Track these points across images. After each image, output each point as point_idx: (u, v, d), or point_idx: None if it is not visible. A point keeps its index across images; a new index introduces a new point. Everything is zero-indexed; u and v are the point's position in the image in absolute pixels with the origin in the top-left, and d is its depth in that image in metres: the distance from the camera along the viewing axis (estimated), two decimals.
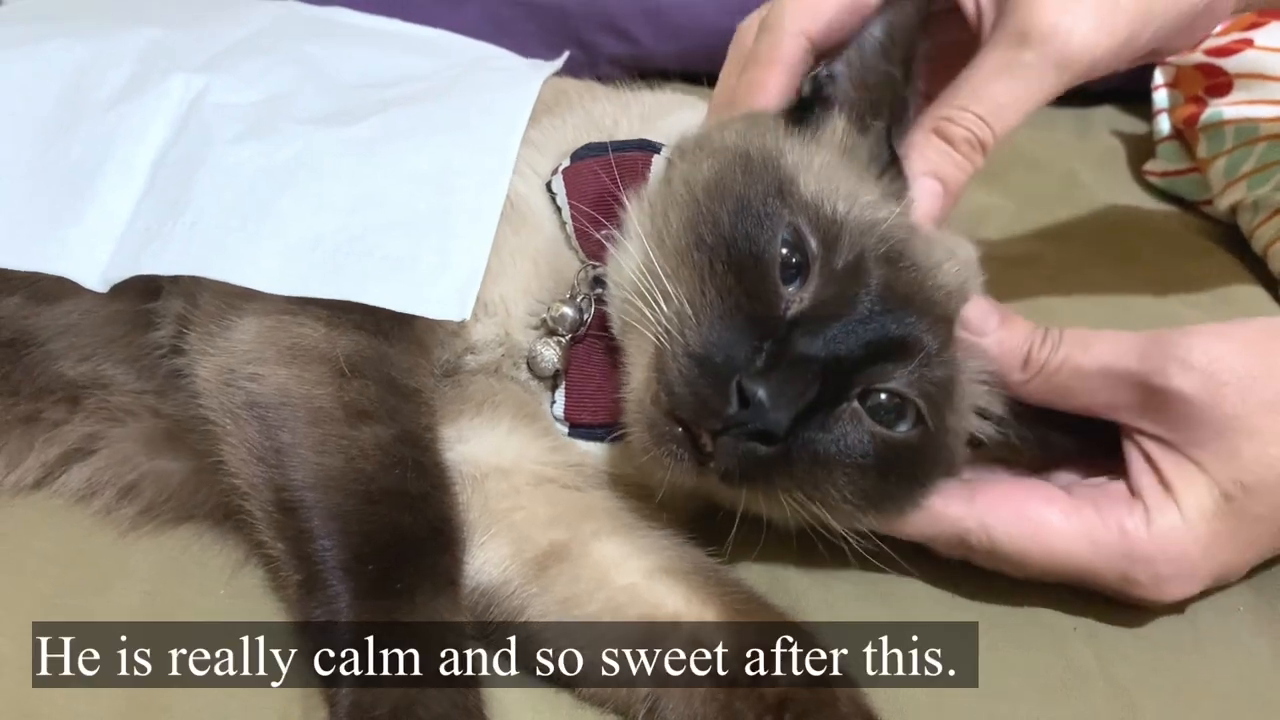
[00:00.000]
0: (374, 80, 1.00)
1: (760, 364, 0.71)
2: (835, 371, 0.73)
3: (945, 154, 0.82)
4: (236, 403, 0.77)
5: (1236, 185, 1.28)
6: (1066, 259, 1.26)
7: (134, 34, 0.98)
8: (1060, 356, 0.77)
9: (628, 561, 0.79)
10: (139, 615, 0.79)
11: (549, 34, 1.56)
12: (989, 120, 0.81)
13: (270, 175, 0.84)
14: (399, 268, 0.80)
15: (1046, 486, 0.81)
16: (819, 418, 0.73)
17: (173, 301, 0.85)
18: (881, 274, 0.76)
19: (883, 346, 0.74)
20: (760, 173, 0.78)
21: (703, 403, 0.71)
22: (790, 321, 0.74)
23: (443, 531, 0.75)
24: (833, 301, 0.74)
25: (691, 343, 0.73)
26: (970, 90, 0.83)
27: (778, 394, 0.70)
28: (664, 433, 0.74)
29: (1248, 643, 0.83)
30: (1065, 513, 0.78)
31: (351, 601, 0.70)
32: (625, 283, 0.80)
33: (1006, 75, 0.82)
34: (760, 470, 0.72)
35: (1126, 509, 0.77)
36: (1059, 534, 0.77)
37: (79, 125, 0.89)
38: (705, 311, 0.74)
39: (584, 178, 0.87)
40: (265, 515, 0.75)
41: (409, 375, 0.80)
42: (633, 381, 0.79)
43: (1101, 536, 0.77)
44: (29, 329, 0.88)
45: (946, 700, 0.76)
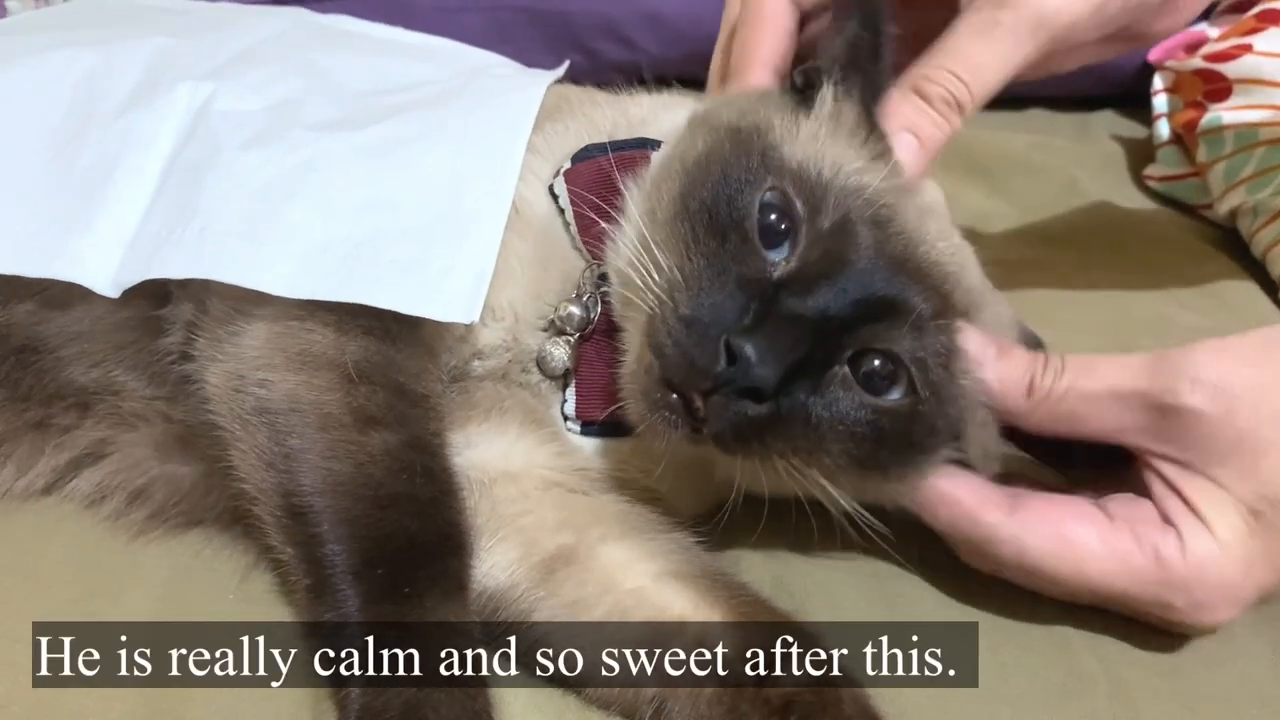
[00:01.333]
0: (380, 87, 1.01)
1: (748, 321, 0.72)
2: (824, 331, 0.73)
3: (921, 110, 0.83)
4: (246, 408, 0.78)
5: (1236, 190, 1.28)
6: (1067, 263, 1.27)
7: (141, 43, 0.99)
8: (1065, 383, 0.76)
9: (635, 565, 0.80)
10: (152, 620, 0.79)
11: (552, 40, 1.57)
12: (965, 79, 0.83)
13: (279, 181, 0.85)
14: (408, 271, 0.80)
15: (1087, 506, 0.79)
16: (809, 380, 0.73)
17: (182, 308, 0.85)
18: (870, 235, 0.76)
19: (872, 306, 0.74)
20: (747, 143, 0.80)
21: (692, 363, 0.72)
22: (778, 283, 0.75)
23: (451, 536, 0.76)
24: (820, 262, 0.75)
25: (681, 307, 0.74)
26: (947, 50, 0.84)
27: (765, 350, 0.70)
28: (657, 399, 0.74)
29: (1248, 645, 0.83)
30: (1103, 535, 0.76)
31: (361, 606, 0.71)
32: (622, 259, 0.81)
33: (983, 35, 0.84)
34: (754, 432, 0.72)
35: (1160, 534, 0.76)
36: (1095, 557, 0.76)
37: (88, 133, 0.90)
38: (694, 277, 0.75)
39: (585, 177, 0.88)
40: (274, 520, 0.76)
41: (417, 381, 0.81)
42: (629, 355, 0.80)
43: (1137, 563, 0.76)
44: (40, 335, 0.88)
45: (948, 703, 0.77)
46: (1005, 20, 0.83)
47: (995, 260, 0.90)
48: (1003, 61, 0.84)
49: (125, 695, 0.74)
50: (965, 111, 0.84)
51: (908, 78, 0.85)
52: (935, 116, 0.83)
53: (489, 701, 0.71)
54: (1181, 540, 0.75)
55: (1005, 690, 0.78)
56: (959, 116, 0.84)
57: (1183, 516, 0.75)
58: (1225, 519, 0.74)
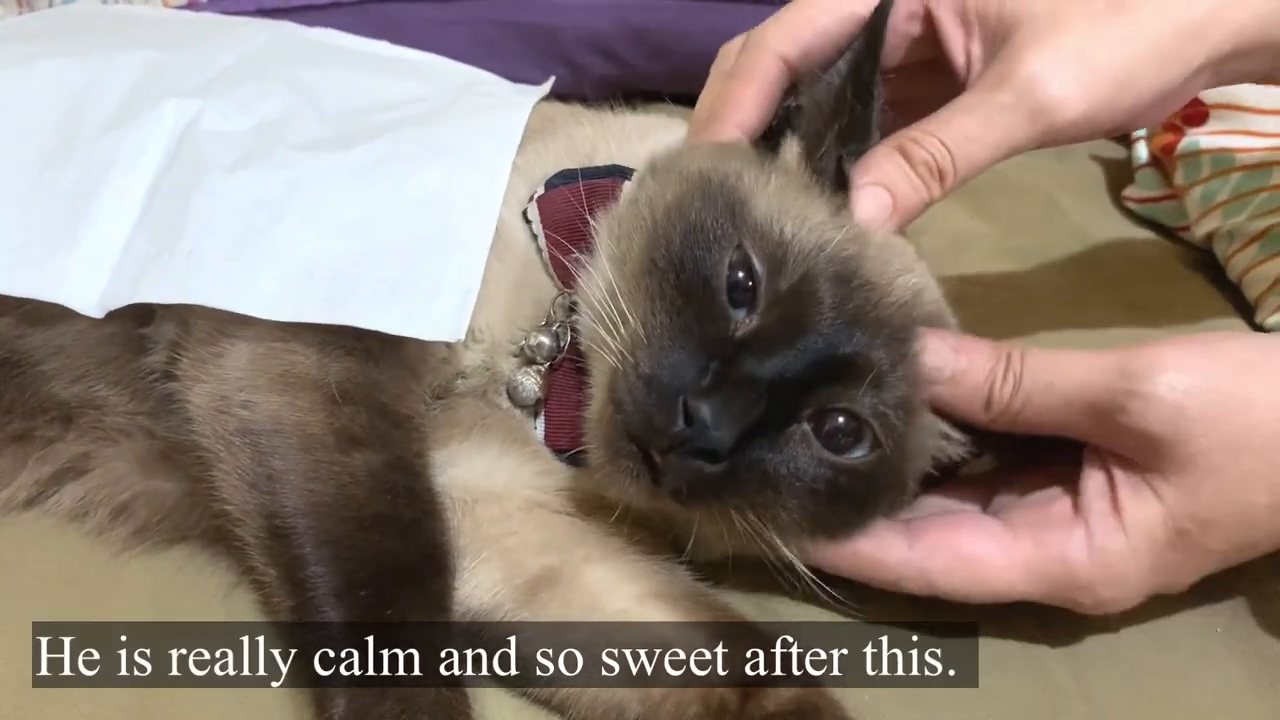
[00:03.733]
0: (366, 105, 1.01)
1: (706, 383, 0.72)
2: (783, 392, 0.73)
3: (900, 169, 0.81)
4: (229, 430, 0.78)
5: (1212, 214, 1.30)
6: (1047, 283, 1.28)
7: (127, 56, 0.99)
8: (1022, 397, 0.76)
9: (619, 586, 0.80)
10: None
11: (538, 55, 1.57)
12: (952, 149, 0.81)
13: (265, 203, 0.85)
14: (394, 292, 0.81)
15: (982, 521, 0.80)
16: (767, 438, 0.74)
17: (165, 327, 0.85)
18: (831, 294, 0.76)
19: (831, 367, 0.74)
20: (715, 196, 0.80)
21: (650, 422, 0.72)
22: (739, 342, 0.75)
23: (434, 557, 0.76)
24: (780, 323, 0.75)
25: (643, 364, 0.74)
26: (940, 119, 0.83)
27: (721, 412, 0.71)
28: (619, 449, 0.75)
29: (1225, 663, 0.84)
30: (1004, 548, 0.77)
31: (344, 627, 0.71)
32: (590, 307, 0.81)
33: (979, 111, 0.82)
34: (709, 489, 0.73)
35: (1066, 533, 0.77)
36: (997, 572, 0.77)
37: (73, 150, 0.90)
38: (657, 334, 0.75)
39: (556, 205, 0.88)
40: (257, 541, 0.76)
41: (400, 402, 0.81)
42: (594, 402, 0.80)
43: (1041, 568, 0.77)
44: (22, 349, 0.88)
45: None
46: (1004, 100, 0.81)
47: (977, 279, 0.91)
48: (995, 141, 0.82)
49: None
50: (946, 183, 0.82)
51: (893, 138, 0.83)
52: (915, 179, 0.81)
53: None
54: (1089, 536, 0.76)
55: (982, 708, 0.79)
56: (939, 186, 0.82)
57: (1098, 514, 0.76)
58: (1146, 525, 0.75)
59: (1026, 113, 0.81)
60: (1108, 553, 0.76)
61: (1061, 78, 0.81)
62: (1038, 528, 0.78)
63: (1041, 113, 0.81)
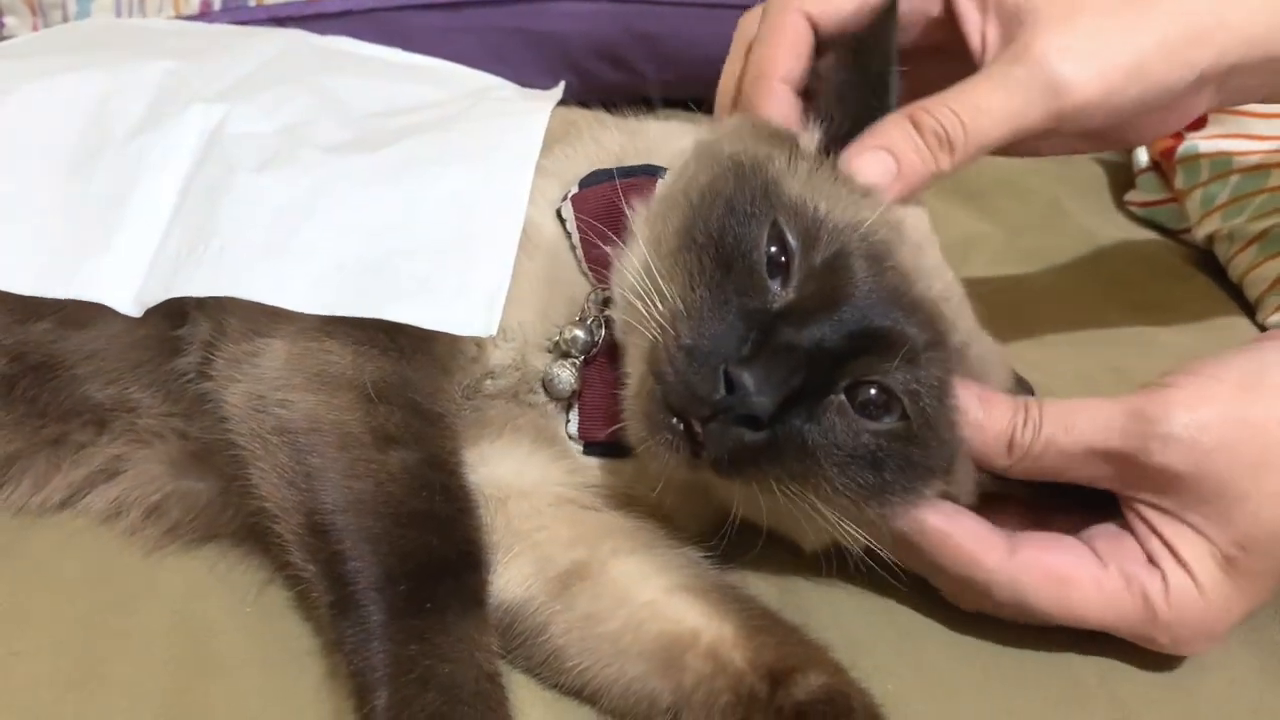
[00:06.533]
0: (386, 109, 1.02)
1: (746, 352, 0.74)
2: (820, 362, 0.75)
3: (908, 135, 0.82)
4: (266, 428, 0.79)
5: (1212, 216, 1.33)
6: (1053, 284, 1.30)
7: (148, 66, 1.00)
8: (1043, 441, 0.78)
9: (648, 579, 0.82)
10: (169, 635, 0.81)
11: (547, 62, 1.58)
12: (965, 119, 0.82)
13: (295, 202, 0.86)
14: (425, 288, 0.82)
15: (1079, 547, 0.81)
16: (805, 408, 0.75)
17: (199, 327, 0.86)
18: (865, 269, 0.78)
19: (865, 338, 0.76)
20: (749, 176, 0.82)
21: (692, 391, 0.74)
22: (776, 314, 0.77)
23: (470, 552, 0.77)
24: (816, 294, 0.77)
25: (683, 335, 0.76)
26: (953, 91, 0.84)
27: (762, 379, 0.72)
28: (659, 422, 0.76)
29: (1238, 653, 0.86)
30: (1096, 578, 0.79)
31: (384, 621, 0.72)
32: (626, 287, 0.83)
33: (993, 83, 0.83)
34: (750, 459, 0.75)
35: (1148, 576, 0.78)
36: (1088, 600, 0.79)
37: (102, 156, 0.91)
38: (696, 307, 0.77)
39: (591, 202, 0.90)
40: (296, 538, 0.77)
41: (433, 400, 0.83)
42: (631, 379, 0.82)
43: (1127, 605, 0.78)
44: (57, 353, 0.89)
45: (951, 716, 0.80)
46: (1018, 74, 0.82)
47: (984, 281, 0.92)
48: (1008, 114, 0.82)
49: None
50: (955, 154, 0.82)
51: (905, 108, 0.84)
52: (921, 147, 0.82)
53: (510, 713, 0.73)
54: (1166, 584, 0.78)
55: (1006, 705, 0.81)
56: (948, 157, 0.82)
57: (1166, 559, 0.78)
58: (1202, 563, 0.77)
59: (1040, 89, 0.82)
60: (1183, 597, 0.77)
61: (1076, 58, 0.82)
62: (1123, 562, 0.79)
63: (1055, 91, 0.82)
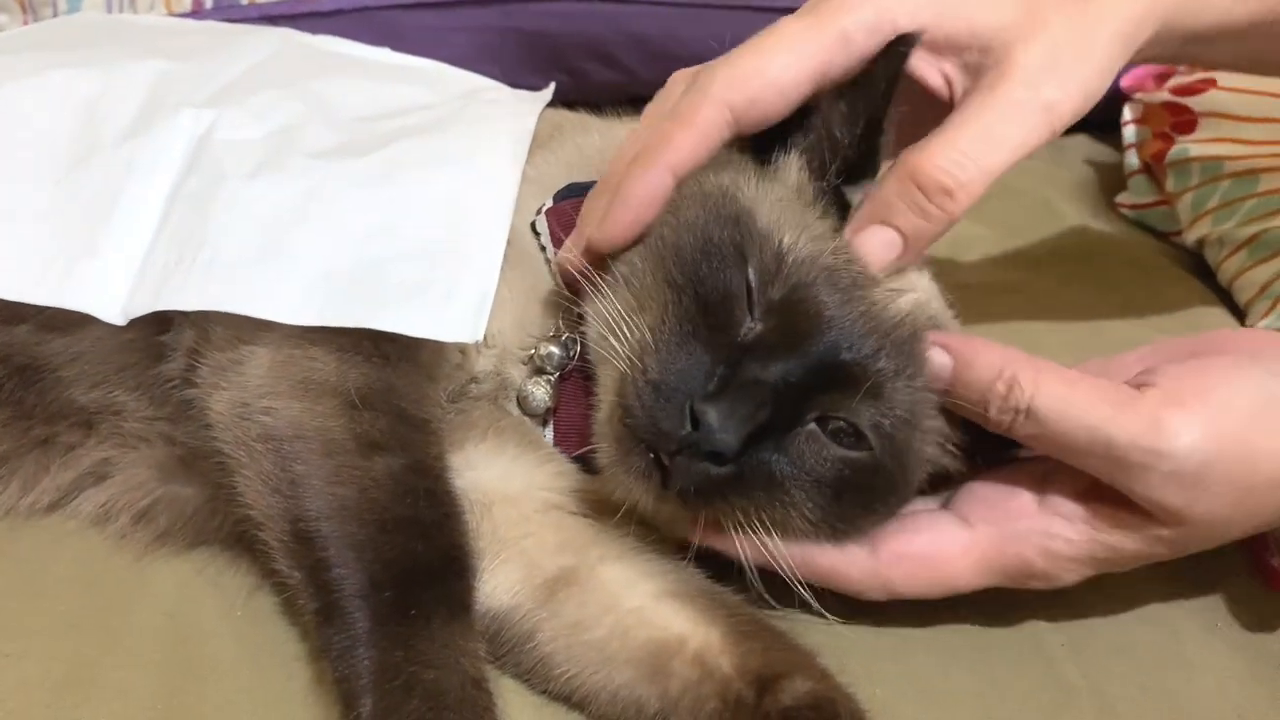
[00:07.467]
0: (374, 113, 1.02)
1: (712, 388, 0.74)
2: (787, 396, 0.75)
3: (910, 199, 0.79)
4: (251, 436, 0.79)
5: (1203, 220, 1.33)
6: (1044, 285, 1.30)
7: (139, 66, 1.00)
8: (1029, 398, 0.76)
9: (635, 585, 0.82)
10: (160, 638, 0.81)
11: (538, 61, 1.58)
12: (973, 157, 0.78)
13: (283, 209, 0.86)
14: (411, 294, 0.82)
15: (938, 519, 0.82)
16: (773, 440, 0.75)
17: (184, 334, 0.86)
18: (830, 299, 0.78)
19: (830, 372, 0.76)
20: (719, 207, 0.81)
21: (658, 426, 0.74)
22: (745, 347, 0.77)
23: (455, 558, 0.77)
24: (781, 328, 0.77)
25: (650, 370, 0.76)
26: (951, 130, 0.79)
27: (727, 416, 0.73)
28: (628, 449, 0.77)
29: (1226, 657, 0.86)
30: (965, 549, 0.79)
31: (369, 628, 0.72)
32: (598, 315, 0.83)
33: (996, 113, 0.79)
34: (716, 490, 0.75)
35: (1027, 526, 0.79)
36: (958, 572, 0.80)
37: (91, 160, 0.91)
38: (665, 340, 0.77)
39: (565, 218, 0.90)
40: (281, 545, 0.77)
41: (418, 406, 0.82)
42: (602, 405, 0.82)
43: (1001, 563, 0.79)
44: (40, 356, 0.89)
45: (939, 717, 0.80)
46: (1019, 98, 0.79)
47: (976, 283, 0.92)
48: (1018, 142, 0.79)
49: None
50: (968, 197, 0.79)
51: (903, 158, 0.80)
52: (928, 206, 0.78)
53: (497, 718, 0.73)
54: (1050, 533, 0.78)
55: (992, 710, 0.81)
56: (958, 205, 0.79)
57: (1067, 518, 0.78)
58: (1129, 540, 0.78)
59: (1039, 110, 0.80)
60: (1067, 549, 0.78)
61: (1059, 75, 0.80)
62: (999, 522, 0.80)
63: (1049, 109, 0.80)
